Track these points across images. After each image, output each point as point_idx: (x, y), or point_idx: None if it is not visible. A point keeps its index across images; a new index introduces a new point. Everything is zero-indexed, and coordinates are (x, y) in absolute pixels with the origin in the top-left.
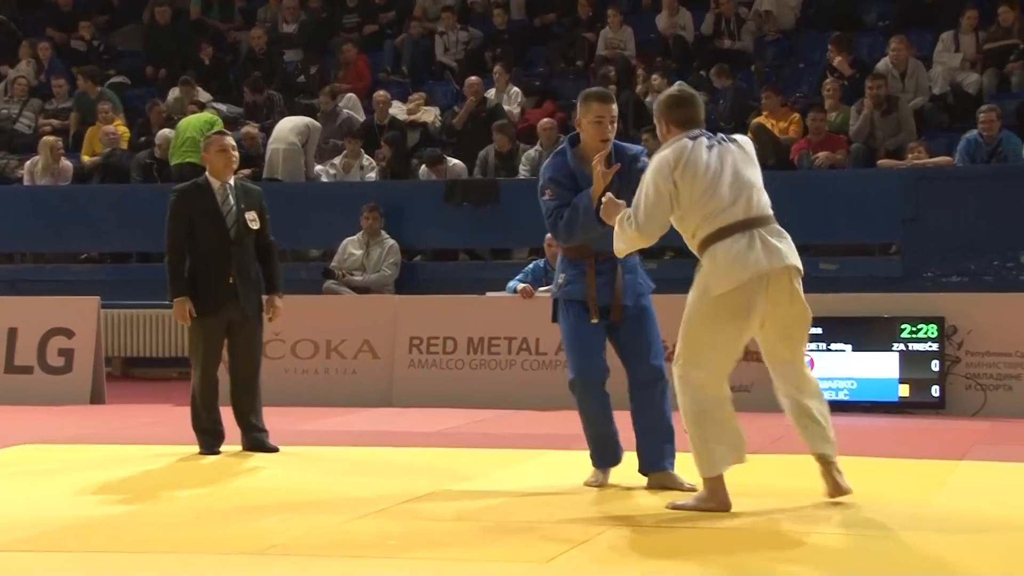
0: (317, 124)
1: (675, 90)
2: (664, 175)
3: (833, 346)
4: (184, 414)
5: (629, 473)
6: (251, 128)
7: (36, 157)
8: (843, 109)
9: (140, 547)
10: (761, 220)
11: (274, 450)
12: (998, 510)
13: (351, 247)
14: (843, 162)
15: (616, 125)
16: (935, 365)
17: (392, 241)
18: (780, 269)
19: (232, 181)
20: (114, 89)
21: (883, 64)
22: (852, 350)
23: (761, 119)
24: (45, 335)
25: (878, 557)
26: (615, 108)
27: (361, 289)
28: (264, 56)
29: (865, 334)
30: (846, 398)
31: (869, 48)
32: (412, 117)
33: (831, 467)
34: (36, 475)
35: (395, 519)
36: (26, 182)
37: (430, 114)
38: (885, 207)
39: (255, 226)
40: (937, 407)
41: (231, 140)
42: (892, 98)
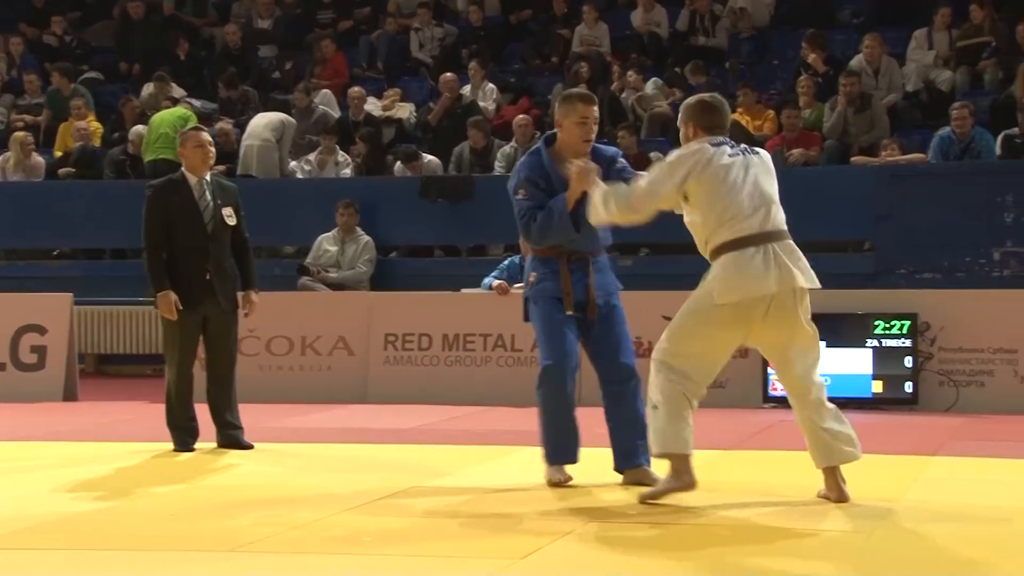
0: (292, 120)
1: (706, 96)
2: (679, 169)
3: None
4: (158, 411)
5: (601, 470)
6: (225, 124)
7: (7, 153)
8: (817, 106)
9: (116, 544)
10: (777, 235)
11: (249, 447)
12: (971, 504)
13: (326, 244)
14: (817, 159)
15: (597, 126)
16: (908, 361)
17: (367, 238)
18: (787, 291)
19: (208, 177)
20: (87, 85)
21: (857, 61)
22: (826, 346)
23: (736, 116)
24: (17, 332)
25: (852, 552)
26: (597, 109)
27: (336, 286)
28: (239, 52)
29: (839, 330)
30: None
31: (843, 45)
32: (387, 113)
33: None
34: (9, 473)
35: (370, 515)
36: None
37: (405, 110)
38: (859, 204)
39: (232, 222)
40: (910, 403)
41: (208, 136)
42: (866, 95)
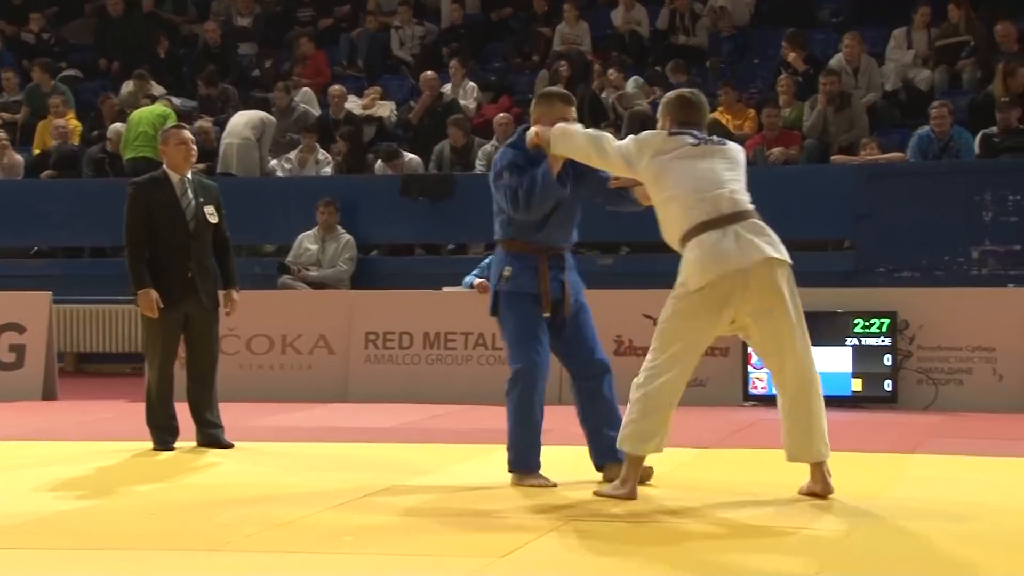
0: (272, 119)
1: (686, 91)
2: (642, 147)
3: None
4: (138, 410)
5: (577, 468)
6: (205, 122)
7: None
8: (797, 105)
9: (96, 543)
10: (740, 215)
11: (229, 446)
12: (950, 501)
13: (306, 242)
14: (797, 158)
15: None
16: (888, 360)
17: (348, 236)
18: (760, 261)
19: (190, 175)
20: (66, 82)
21: (836, 60)
22: None
23: (716, 115)
24: None
25: (832, 549)
26: (575, 110)
27: (317, 284)
28: (219, 50)
29: (818, 329)
30: None
31: (823, 44)
32: (368, 112)
33: (817, 468)
34: None
35: (351, 514)
36: None
37: (386, 108)
38: (838, 203)
39: (214, 220)
40: (889, 401)
41: (190, 133)
42: (845, 94)
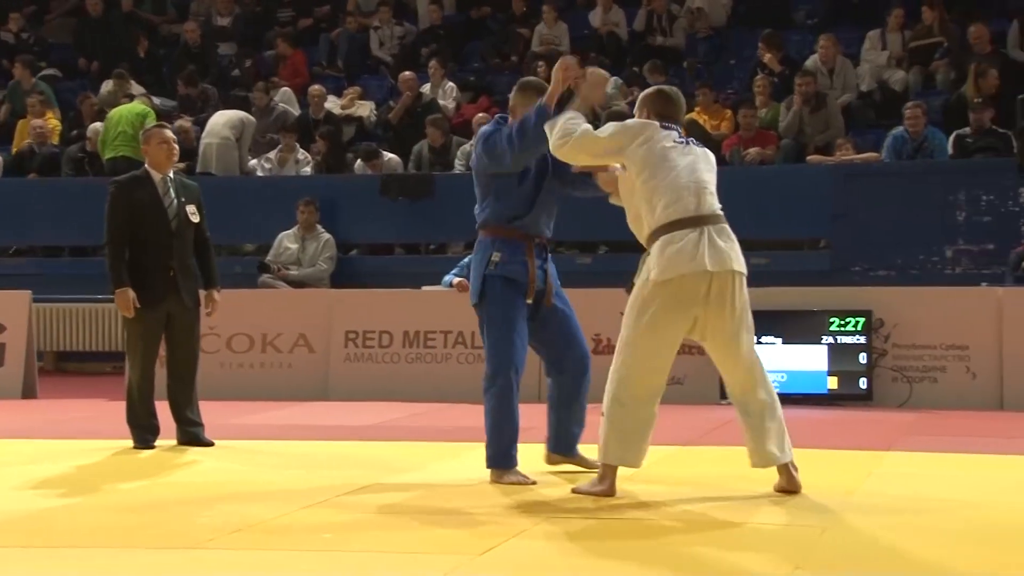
0: (251, 118)
1: (665, 87)
2: (631, 130)
3: (763, 339)
4: (118, 408)
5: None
6: (185, 122)
7: None
8: (773, 106)
9: (77, 541)
10: (712, 218)
11: (209, 444)
12: (924, 498)
13: (286, 241)
14: (773, 158)
15: None
16: (863, 358)
17: (328, 235)
18: (724, 273)
19: (171, 174)
20: (46, 81)
21: (812, 61)
22: (782, 343)
23: (694, 115)
24: None
25: (806, 544)
26: None
27: (297, 283)
28: (198, 49)
29: (794, 327)
30: (776, 391)
31: (798, 46)
32: (347, 111)
33: (783, 466)
34: None
35: (331, 511)
36: None
37: (365, 108)
38: (814, 202)
39: (195, 219)
40: (865, 399)
41: (171, 132)
42: (821, 95)
